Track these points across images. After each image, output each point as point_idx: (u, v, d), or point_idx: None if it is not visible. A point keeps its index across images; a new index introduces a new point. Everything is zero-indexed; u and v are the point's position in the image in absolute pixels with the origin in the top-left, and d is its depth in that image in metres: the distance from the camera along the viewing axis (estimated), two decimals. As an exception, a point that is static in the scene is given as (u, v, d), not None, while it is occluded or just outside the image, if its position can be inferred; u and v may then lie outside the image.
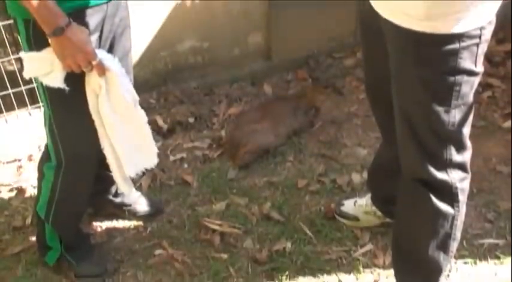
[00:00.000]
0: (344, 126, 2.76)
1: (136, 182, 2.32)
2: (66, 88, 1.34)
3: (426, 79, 1.22)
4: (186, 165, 2.51)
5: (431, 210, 1.39)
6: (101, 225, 2.07)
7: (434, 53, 1.17)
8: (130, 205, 2.08)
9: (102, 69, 1.34)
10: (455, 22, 1.11)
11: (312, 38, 3.19)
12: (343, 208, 2.03)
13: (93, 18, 1.34)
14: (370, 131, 2.68)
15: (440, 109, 1.25)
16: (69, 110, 1.46)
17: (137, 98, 1.55)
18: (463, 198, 1.39)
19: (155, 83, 2.94)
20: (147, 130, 1.64)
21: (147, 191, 2.33)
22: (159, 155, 1.72)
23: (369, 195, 1.98)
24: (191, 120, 2.77)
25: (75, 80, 1.36)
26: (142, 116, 1.59)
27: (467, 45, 1.16)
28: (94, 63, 1.32)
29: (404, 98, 1.33)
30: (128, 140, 1.52)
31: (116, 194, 2.02)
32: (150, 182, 2.39)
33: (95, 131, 1.47)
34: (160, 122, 2.71)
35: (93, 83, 1.36)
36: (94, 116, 1.43)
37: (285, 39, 3.13)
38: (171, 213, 2.22)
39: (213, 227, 2.05)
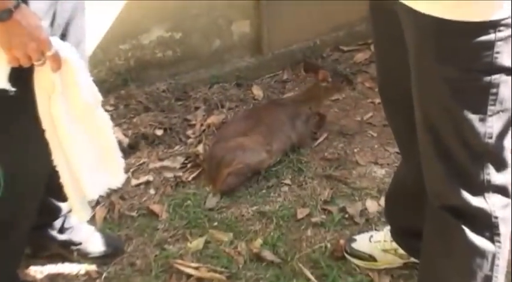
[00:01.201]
0: (356, 139, 2.80)
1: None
2: (12, 89, 1.26)
3: (454, 79, 1.21)
4: (152, 191, 2.52)
5: (465, 246, 1.38)
6: (41, 270, 2.03)
7: (463, 47, 1.17)
8: (80, 244, 2.05)
9: (58, 62, 1.28)
10: (489, 6, 1.11)
11: (313, 27, 3.23)
12: (355, 245, 2.03)
13: (43, 0, 1.31)
14: (389, 145, 2.72)
15: (473, 117, 1.24)
16: (11, 117, 1.37)
17: (100, 98, 1.51)
18: (505, 230, 1.38)
19: (113, 84, 2.96)
20: (112, 139, 1.59)
21: (102, 225, 2.32)
22: (120, 176, 1.72)
23: (388, 228, 1.99)
24: (159, 132, 2.79)
25: (22, 78, 1.28)
26: (106, 120, 1.54)
27: (505, 36, 1.15)
28: (49, 54, 1.26)
29: (427, 103, 1.33)
30: (88, 152, 1.49)
31: (62, 230, 1.99)
32: (106, 213, 2.38)
33: (45, 144, 1.43)
34: (119, 135, 2.71)
35: (44, 80, 1.30)
36: (45, 123, 1.35)
37: (279, 28, 3.16)
38: (133, 254, 2.20)
39: (187, 272, 2.03)
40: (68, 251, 2.07)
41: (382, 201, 2.36)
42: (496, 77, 1.19)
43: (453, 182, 1.36)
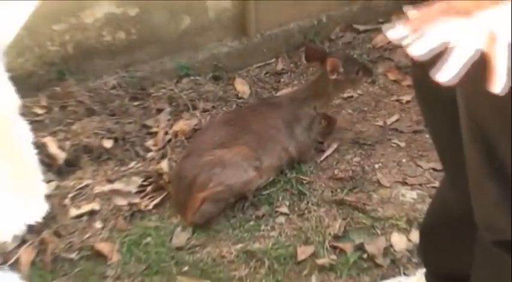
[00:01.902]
0: (377, 151, 2.82)
1: (9, 256, 2.30)
2: None
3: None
4: (99, 224, 2.52)
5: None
6: None
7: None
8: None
9: None
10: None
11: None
12: (378, 296, 2.02)
13: None
14: (423, 158, 2.74)
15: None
16: None
17: (18, 102, 1.50)
18: None
19: (44, 78, 2.96)
20: (32, 156, 1.59)
21: (30, 272, 2.30)
22: (51, 204, 1.72)
23: (422, 272, 2.01)
24: (108, 143, 2.80)
25: None
26: (24, 132, 1.54)
27: None
28: None
29: (475, 100, 1.33)
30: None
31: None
32: (35, 255, 2.37)
33: None
34: (52, 147, 2.70)
35: None
36: None
37: (271, 2, 3.16)
38: (73, 311, 2.21)
39: None
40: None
41: (413, 235, 2.36)
42: None
43: (510, 209, 1.35)
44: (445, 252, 1.89)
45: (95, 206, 2.57)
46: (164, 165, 2.71)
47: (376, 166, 2.75)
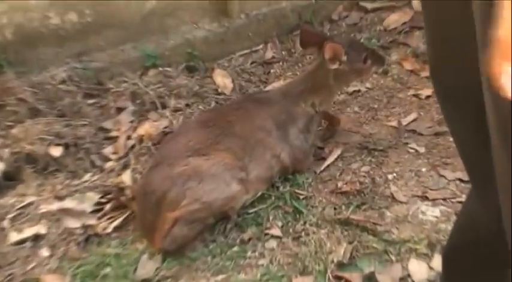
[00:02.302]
0: (391, 158, 2.83)
1: None
2: None
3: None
4: (45, 252, 2.51)
5: None
6: None
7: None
8: None
9: None
10: None
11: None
12: None
13: None
14: (447, 166, 2.76)
15: None
16: None
17: None
18: None
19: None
20: None
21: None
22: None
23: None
24: (57, 151, 2.80)
25: None
26: None
27: None
28: None
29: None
30: None
31: None
32: (-37, 291, 2.36)
33: None
34: (-13, 157, 2.71)
35: None
36: None
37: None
38: None
39: None
40: None
41: (436, 262, 2.36)
42: None
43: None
44: (471, 278, 1.90)
45: (41, 229, 2.56)
46: (126, 177, 2.71)
47: (390, 177, 2.76)
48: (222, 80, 3.14)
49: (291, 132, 2.73)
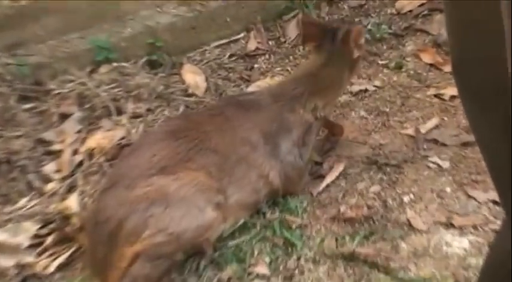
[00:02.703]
0: (407, 175, 2.83)
1: None
2: None
3: None
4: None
5: None
6: None
7: None
8: None
9: None
10: None
11: None
12: None
13: None
14: (477, 185, 2.75)
15: None
16: None
17: None
18: None
19: None
20: None
21: None
22: None
23: None
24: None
25: None
26: None
27: None
28: None
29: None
30: None
31: None
32: None
33: None
34: None
35: None
36: None
37: None
38: None
39: None
40: None
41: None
42: None
43: None
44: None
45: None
46: (73, 202, 2.68)
47: (405, 199, 2.74)
48: (193, 77, 3.13)
49: (282, 145, 2.73)
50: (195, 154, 2.60)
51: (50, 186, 2.78)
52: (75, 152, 2.85)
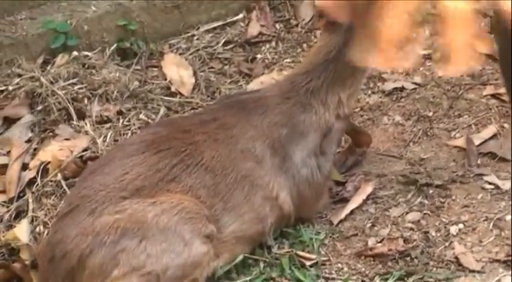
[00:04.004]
0: (456, 199, 2.83)
1: None
2: None
3: None
4: None
5: None
6: None
7: None
8: None
9: None
10: None
11: None
12: None
13: None
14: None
15: None
16: None
17: None
18: None
19: None
20: None
21: None
22: None
23: None
24: None
25: None
26: None
27: None
28: None
29: None
30: None
31: None
32: None
33: None
34: None
35: None
36: None
37: None
38: None
39: None
40: None
41: None
42: None
43: None
44: None
45: None
46: (22, 231, 2.70)
47: (453, 230, 2.76)
48: (177, 71, 3.14)
49: (295, 156, 2.74)
50: (180, 172, 2.61)
51: (-4, 212, 2.80)
52: (24, 167, 2.87)
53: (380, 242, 2.74)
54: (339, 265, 2.70)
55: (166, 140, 2.69)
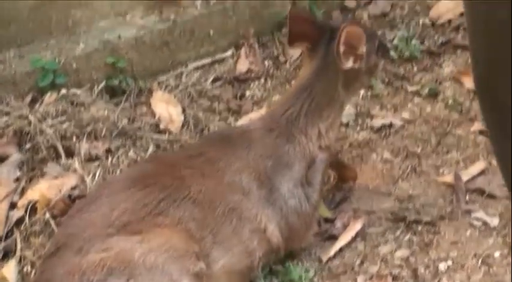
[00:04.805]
0: (444, 237, 2.83)
1: None
2: None
3: None
4: None
5: None
6: None
7: None
8: None
9: None
10: None
11: None
12: None
13: None
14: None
15: None
16: None
17: None
18: None
19: None
20: None
21: None
22: None
23: None
24: None
25: None
26: None
27: None
28: None
29: None
30: None
31: None
32: None
33: None
34: None
35: None
36: None
37: None
38: None
39: None
40: None
41: None
42: None
43: None
44: None
45: None
46: (9, 271, 2.70)
47: (442, 267, 2.75)
48: (166, 108, 3.14)
49: (282, 187, 2.74)
50: (167, 206, 2.61)
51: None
52: (12, 206, 2.87)
53: (369, 279, 2.73)
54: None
55: (152, 176, 2.69)
